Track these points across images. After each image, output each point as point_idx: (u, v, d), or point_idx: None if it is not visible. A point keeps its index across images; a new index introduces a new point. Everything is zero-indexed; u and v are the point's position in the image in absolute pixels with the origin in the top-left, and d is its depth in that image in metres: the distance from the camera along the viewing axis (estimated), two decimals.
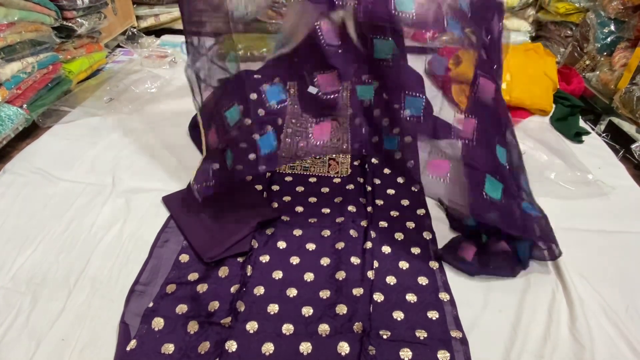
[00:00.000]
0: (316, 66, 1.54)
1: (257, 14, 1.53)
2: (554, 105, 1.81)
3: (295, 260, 1.07)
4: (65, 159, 1.42)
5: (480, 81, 1.20)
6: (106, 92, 1.82)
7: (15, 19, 1.46)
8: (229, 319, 0.90)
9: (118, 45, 2.40)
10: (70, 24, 1.78)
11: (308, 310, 0.94)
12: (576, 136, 1.64)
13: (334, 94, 1.45)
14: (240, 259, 1.06)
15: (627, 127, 1.71)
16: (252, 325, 0.90)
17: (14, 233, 1.13)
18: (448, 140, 1.30)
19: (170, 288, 0.98)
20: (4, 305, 0.94)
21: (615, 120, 1.77)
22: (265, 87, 1.39)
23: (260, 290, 0.98)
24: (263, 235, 1.13)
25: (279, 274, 1.03)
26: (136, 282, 1.00)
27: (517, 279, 1.04)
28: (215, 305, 0.94)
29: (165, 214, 1.21)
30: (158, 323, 0.90)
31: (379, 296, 0.97)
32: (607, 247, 1.15)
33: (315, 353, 0.86)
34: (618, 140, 1.67)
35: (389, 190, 1.32)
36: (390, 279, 1.02)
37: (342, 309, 0.94)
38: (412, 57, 1.71)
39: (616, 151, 1.60)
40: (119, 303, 0.95)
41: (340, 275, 1.02)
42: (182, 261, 1.06)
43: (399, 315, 0.94)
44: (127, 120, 1.66)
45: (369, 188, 1.30)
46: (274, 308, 0.94)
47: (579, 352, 0.88)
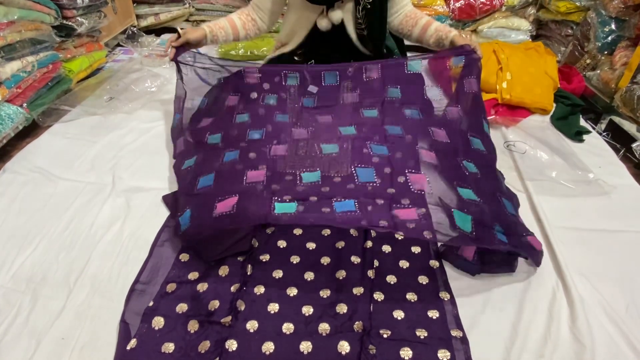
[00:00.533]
0: (316, 65, 1.55)
1: None
2: (554, 104, 1.80)
3: (295, 259, 1.07)
4: (65, 158, 1.42)
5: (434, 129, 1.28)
6: (106, 91, 1.82)
7: (15, 17, 1.46)
8: (229, 318, 0.90)
9: (118, 44, 2.40)
10: (70, 23, 1.78)
11: (308, 310, 0.94)
12: (577, 135, 1.63)
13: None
14: (240, 258, 1.06)
15: (628, 126, 1.71)
16: (253, 325, 0.90)
17: (14, 232, 1.13)
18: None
19: (171, 287, 0.98)
20: (4, 304, 0.94)
21: (616, 119, 1.77)
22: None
23: (260, 289, 0.98)
24: (263, 234, 1.13)
25: (279, 273, 1.03)
26: (136, 281, 1.00)
27: (518, 278, 1.04)
28: (215, 304, 0.94)
29: (165, 213, 1.21)
30: (158, 322, 0.90)
31: (379, 295, 0.97)
32: (608, 246, 1.15)
33: (316, 352, 0.86)
34: (619, 139, 1.67)
35: (390, 190, 1.32)
36: (391, 278, 1.02)
37: (343, 308, 0.94)
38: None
39: (617, 150, 1.60)
40: (119, 302, 0.95)
41: (341, 274, 1.02)
42: (182, 260, 1.06)
43: (399, 314, 0.94)
44: (127, 119, 1.66)
45: (370, 187, 1.30)
46: (274, 307, 0.94)
47: (580, 351, 0.88)
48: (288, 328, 0.90)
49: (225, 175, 1.14)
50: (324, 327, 0.90)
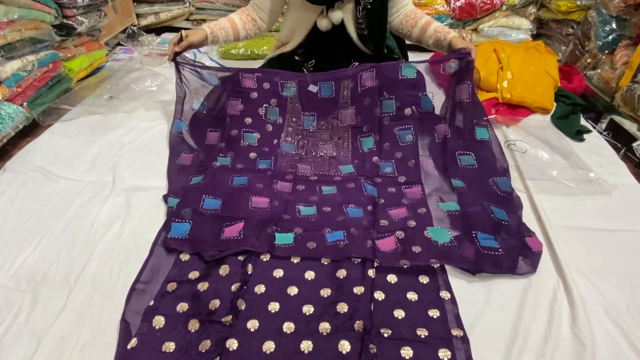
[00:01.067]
0: (317, 64, 1.55)
1: None
2: (555, 104, 1.80)
3: (296, 258, 1.07)
4: (65, 157, 1.42)
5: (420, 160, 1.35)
6: (106, 90, 1.82)
7: (16, 16, 1.45)
8: (229, 318, 0.90)
9: (118, 44, 2.39)
10: (70, 22, 1.78)
11: (309, 309, 0.94)
12: (577, 134, 1.63)
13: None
14: (240, 258, 1.06)
15: (629, 125, 1.71)
16: (253, 324, 0.90)
17: (14, 231, 1.13)
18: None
19: (171, 286, 0.98)
20: (4, 303, 0.94)
21: (617, 118, 1.77)
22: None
23: (261, 288, 0.98)
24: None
25: (279, 272, 1.03)
26: (137, 281, 1.00)
27: (518, 277, 1.04)
28: (216, 303, 0.94)
29: (165, 212, 1.20)
30: (159, 321, 0.90)
31: (379, 294, 0.97)
32: (609, 246, 1.15)
33: (316, 351, 0.86)
34: (619, 138, 1.67)
35: (390, 189, 1.32)
36: (391, 278, 1.02)
37: (343, 308, 0.94)
38: (413, 56, 1.70)
39: (617, 149, 1.60)
40: (119, 301, 0.95)
41: (341, 273, 1.02)
42: (183, 259, 1.06)
43: (399, 313, 0.94)
44: (128, 118, 1.66)
45: (369, 187, 1.30)
46: (274, 306, 0.94)
47: (580, 351, 0.88)
48: (289, 327, 0.90)
49: (232, 199, 1.19)
50: (325, 327, 0.90)
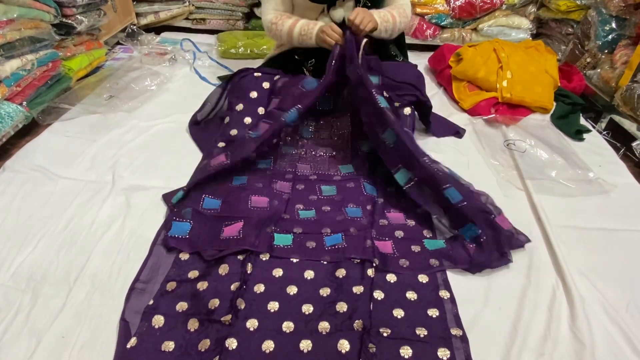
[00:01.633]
0: (317, 63, 1.54)
1: None
2: (554, 103, 1.80)
3: (295, 257, 1.07)
4: (65, 156, 1.42)
5: None
6: (106, 90, 1.81)
7: (15, 15, 1.45)
8: (229, 317, 0.90)
9: (118, 43, 2.39)
10: (69, 21, 1.78)
11: (308, 308, 0.94)
12: (577, 134, 1.64)
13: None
14: (240, 257, 1.06)
15: (628, 125, 1.71)
16: (253, 323, 0.90)
17: (14, 230, 1.12)
18: None
19: (171, 286, 0.98)
20: (4, 302, 0.94)
21: (616, 118, 1.77)
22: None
23: (260, 287, 0.98)
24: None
25: (279, 271, 1.03)
26: (136, 280, 1.00)
27: (517, 276, 1.04)
28: (215, 302, 0.94)
29: (165, 211, 1.21)
30: (158, 321, 0.90)
31: (379, 294, 0.97)
32: (608, 245, 1.15)
33: (316, 351, 0.86)
34: (619, 138, 1.67)
35: (389, 188, 1.32)
36: (390, 277, 1.02)
37: (343, 307, 0.94)
38: (414, 55, 1.70)
39: (617, 149, 1.60)
40: (119, 300, 0.95)
41: (341, 272, 1.02)
42: (182, 259, 1.06)
43: (399, 313, 0.94)
44: (127, 117, 1.66)
45: (369, 186, 1.30)
46: (274, 306, 0.94)
47: (580, 350, 0.88)
48: (288, 326, 0.90)
49: (231, 199, 1.20)
50: (324, 326, 0.90)
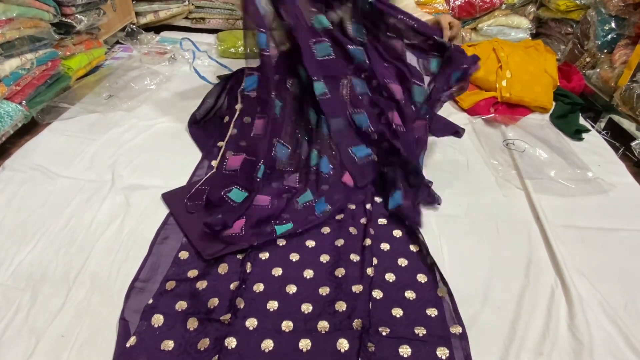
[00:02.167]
0: None
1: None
2: (554, 103, 1.81)
3: (294, 257, 1.07)
4: (64, 155, 1.42)
5: None
6: (105, 89, 1.81)
7: (14, 14, 1.45)
8: (228, 316, 0.90)
9: (117, 42, 2.39)
10: (69, 20, 1.77)
11: (307, 307, 0.94)
12: (576, 134, 1.64)
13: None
14: (239, 256, 1.06)
15: (627, 125, 1.71)
16: (252, 322, 0.90)
17: (14, 229, 1.12)
18: None
19: (170, 285, 0.98)
20: (3, 301, 0.94)
21: (615, 117, 1.77)
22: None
23: (259, 287, 0.98)
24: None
25: (278, 270, 1.03)
26: (136, 279, 1.00)
27: (516, 276, 1.05)
28: (214, 302, 0.94)
29: (164, 211, 1.21)
30: (157, 320, 0.90)
31: (378, 293, 0.98)
32: (607, 245, 1.15)
33: (315, 350, 0.86)
34: (618, 137, 1.67)
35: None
36: (390, 276, 1.02)
37: (342, 306, 0.94)
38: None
39: (616, 149, 1.60)
40: (118, 300, 0.95)
41: (340, 272, 1.02)
42: (182, 258, 1.06)
43: (398, 312, 0.94)
44: (127, 116, 1.66)
45: (369, 185, 1.31)
46: (273, 305, 0.94)
47: (578, 349, 0.88)
48: (287, 326, 0.90)
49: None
50: (323, 325, 0.90)
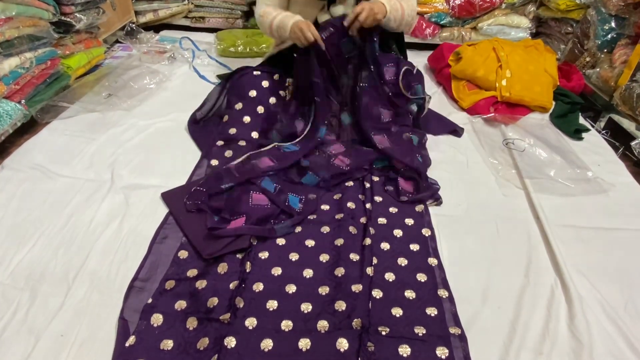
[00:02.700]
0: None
1: None
2: (553, 102, 1.80)
3: (294, 256, 1.07)
4: (63, 154, 1.42)
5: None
6: (105, 88, 1.81)
7: (13, 13, 1.45)
8: (228, 315, 0.90)
9: (117, 41, 2.39)
10: (68, 19, 1.77)
11: (307, 307, 0.94)
12: (576, 133, 1.64)
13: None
14: (239, 256, 1.06)
15: (627, 124, 1.71)
16: (251, 322, 0.90)
17: (13, 229, 1.12)
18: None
19: (169, 284, 0.98)
20: (2, 301, 0.94)
21: (615, 117, 1.77)
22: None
23: (259, 286, 0.98)
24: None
25: (278, 270, 1.03)
26: (135, 278, 1.00)
27: (516, 276, 1.05)
28: (214, 301, 0.94)
29: (164, 210, 1.21)
30: (157, 319, 0.90)
31: (377, 292, 0.98)
32: (606, 245, 1.15)
33: (314, 349, 0.86)
34: (618, 137, 1.67)
35: (388, 187, 1.32)
36: (389, 276, 1.02)
37: (341, 305, 0.94)
38: (413, 54, 1.70)
39: (616, 148, 1.60)
40: (117, 299, 0.95)
41: (340, 271, 1.02)
42: (181, 257, 1.06)
43: (397, 311, 0.94)
44: (126, 116, 1.65)
45: (368, 185, 1.31)
46: (273, 304, 0.94)
47: (578, 349, 0.88)
48: (287, 325, 0.90)
49: (233, 195, 1.20)
50: (323, 324, 0.90)
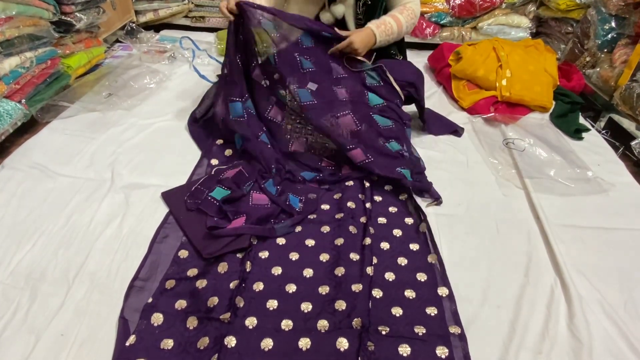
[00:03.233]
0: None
1: None
2: (554, 102, 1.80)
3: (294, 256, 1.07)
4: (64, 154, 1.42)
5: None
6: (105, 87, 1.81)
7: (14, 13, 1.45)
8: (228, 315, 0.90)
9: (117, 40, 2.39)
10: (68, 19, 1.77)
11: (307, 306, 0.94)
12: (576, 133, 1.64)
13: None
14: (239, 255, 1.06)
15: (627, 124, 1.71)
16: (251, 321, 0.90)
17: (13, 228, 1.12)
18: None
19: (170, 284, 0.98)
20: (2, 300, 0.94)
21: (615, 117, 1.77)
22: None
23: (259, 286, 0.98)
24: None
25: (278, 269, 1.03)
26: (135, 278, 1.00)
27: (516, 275, 1.05)
28: (214, 300, 0.94)
29: (164, 209, 1.21)
30: (157, 318, 0.90)
31: (377, 292, 0.98)
32: (606, 244, 1.15)
33: (314, 349, 0.86)
34: (618, 137, 1.67)
35: (387, 187, 1.32)
36: (389, 275, 1.03)
37: (341, 305, 0.94)
38: (413, 53, 1.70)
39: (616, 148, 1.60)
40: (118, 298, 0.95)
41: (340, 271, 1.02)
42: (182, 257, 1.06)
43: (397, 311, 0.94)
44: (126, 115, 1.65)
45: (367, 184, 1.31)
46: (273, 304, 0.94)
47: (577, 348, 0.88)
48: (287, 324, 0.90)
49: (233, 195, 1.20)
50: (323, 324, 0.90)
